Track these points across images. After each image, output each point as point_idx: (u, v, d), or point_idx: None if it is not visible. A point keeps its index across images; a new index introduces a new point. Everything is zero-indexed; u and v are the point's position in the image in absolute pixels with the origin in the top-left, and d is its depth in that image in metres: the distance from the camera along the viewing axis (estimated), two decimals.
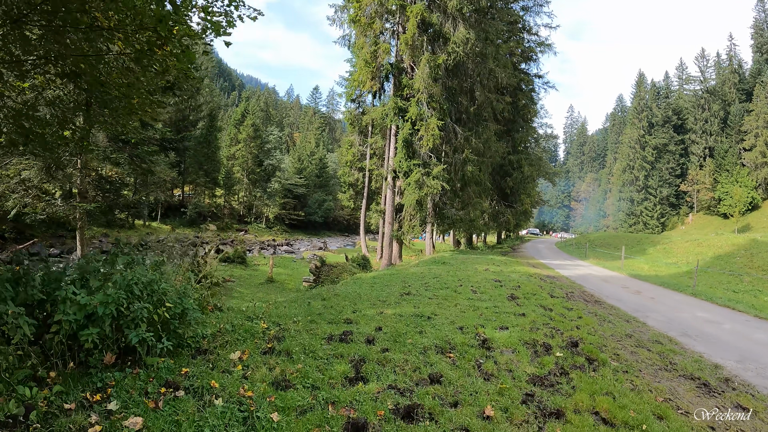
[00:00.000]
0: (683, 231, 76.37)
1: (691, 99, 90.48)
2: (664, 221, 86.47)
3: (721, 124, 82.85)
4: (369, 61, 25.62)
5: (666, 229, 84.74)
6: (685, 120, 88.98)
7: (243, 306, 8.50)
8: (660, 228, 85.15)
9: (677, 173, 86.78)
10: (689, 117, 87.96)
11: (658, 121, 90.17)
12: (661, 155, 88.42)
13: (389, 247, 26.28)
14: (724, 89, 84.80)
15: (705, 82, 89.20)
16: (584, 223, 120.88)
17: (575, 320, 9.86)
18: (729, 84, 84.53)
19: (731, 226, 68.02)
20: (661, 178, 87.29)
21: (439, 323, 8.03)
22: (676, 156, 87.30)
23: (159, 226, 53.28)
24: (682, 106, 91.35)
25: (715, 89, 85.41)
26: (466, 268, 18.56)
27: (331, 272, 18.00)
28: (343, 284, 13.07)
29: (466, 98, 29.32)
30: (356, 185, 41.10)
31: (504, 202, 36.94)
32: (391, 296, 10.72)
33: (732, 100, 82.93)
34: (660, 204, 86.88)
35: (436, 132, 23.75)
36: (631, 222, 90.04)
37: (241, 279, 21.03)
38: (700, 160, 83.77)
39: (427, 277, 14.74)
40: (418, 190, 23.88)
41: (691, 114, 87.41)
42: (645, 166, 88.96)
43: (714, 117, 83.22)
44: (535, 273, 19.19)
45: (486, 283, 14.03)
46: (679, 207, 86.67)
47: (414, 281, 13.62)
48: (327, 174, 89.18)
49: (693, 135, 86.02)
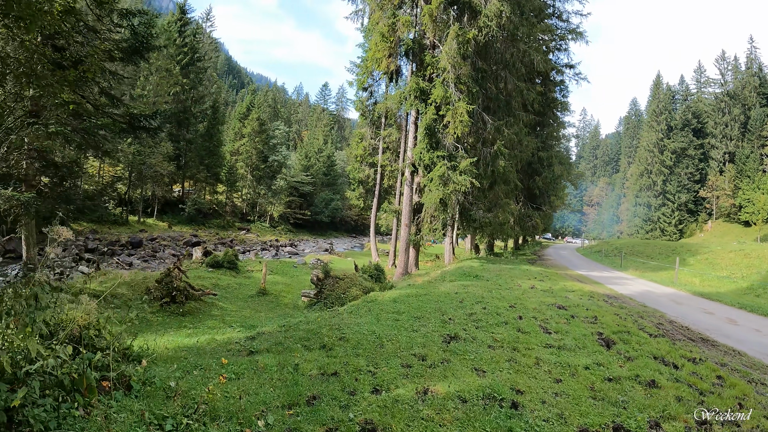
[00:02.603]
0: (702, 238, 73.36)
1: (711, 102, 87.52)
2: (682, 228, 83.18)
3: (742, 129, 79.58)
4: (386, 36, 21.82)
5: (684, 236, 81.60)
6: (705, 124, 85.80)
7: (171, 375, 4.75)
8: (678, 235, 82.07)
9: (696, 179, 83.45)
10: (709, 121, 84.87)
11: (677, 124, 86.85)
12: (679, 160, 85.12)
13: (405, 254, 22.48)
14: (744, 93, 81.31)
15: (725, 85, 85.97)
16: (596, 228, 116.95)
17: (726, 388, 6.15)
18: (749, 87, 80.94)
19: (753, 234, 64.83)
20: (679, 183, 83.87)
21: (539, 423, 4.24)
22: (696, 161, 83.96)
23: (155, 222, 49.84)
24: (702, 110, 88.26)
25: (736, 93, 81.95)
26: (508, 285, 14.76)
27: (336, 286, 14.24)
28: (354, 311, 9.30)
29: (495, 84, 25.51)
30: (367, 182, 37.34)
31: (531, 204, 32.99)
32: (431, 343, 6.93)
33: (752, 104, 79.46)
34: (678, 210, 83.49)
35: (465, 118, 19.93)
36: (648, 228, 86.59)
37: (229, 289, 17.31)
38: (720, 166, 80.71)
39: (466, 300, 10.94)
40: (442, 186, 20.05)
41: (711, 118, 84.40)
42: (663, 171, 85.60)
43: (734, 121, 79.96)
44: (592, 291, 15.35)
45: (549, 312, 10.28)
46: (698, 214, 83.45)
47: (453, 308, 9.82)
48: (335, 172, 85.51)
49: (713, 139, 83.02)
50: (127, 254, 33.08)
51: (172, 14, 59.84)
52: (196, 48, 59.29)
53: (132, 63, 14.06)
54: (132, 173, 45.38)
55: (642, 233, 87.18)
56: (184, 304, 13.29)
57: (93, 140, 12.10)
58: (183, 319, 12.63)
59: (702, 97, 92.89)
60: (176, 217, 53.34)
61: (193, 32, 59.92)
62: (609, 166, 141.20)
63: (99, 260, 29.99)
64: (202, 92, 61.59)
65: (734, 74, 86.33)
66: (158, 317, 12.64)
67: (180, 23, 58.14)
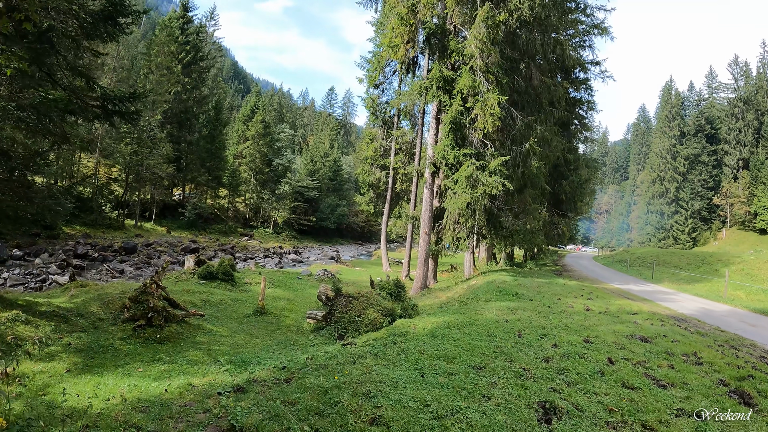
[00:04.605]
0: (717, 247, 71.40)
1: (724, 107, 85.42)
2: (696, 236, 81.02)
3: (756, 135, 77.22)
4: (405, 18, 19.28)
5: (698, 244, 79.58)
6: (718, 129, 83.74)
7: None
8: (691, 243, 80.00)
9: (710, 185, 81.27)
10: (722, 126, 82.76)
11: (690, 129, 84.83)
12: (693, 166, 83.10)
13: (424, 265, 19.82)
14: (756, 98, 78.90)
15: (739, 90, 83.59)
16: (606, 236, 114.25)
17: None
18: (762, 93, 78.58)
19: None
20: (693, 190, 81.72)
21: None
22: (709, 167, 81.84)
23: (153, 227, 47.33)
24: (715, 115, 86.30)
25: (748, 98, 79.59)
26: (559, 306, 12.15)
27: (350, 307, 11.61)
28: (381, 353, 6.65)
29: (522, 77, 22.96)
30: (378, 186, 34.73)
31: (557, 210, 30.24)
32: (521, 424, 4.28)
33: (766, 110, 77.26)
34: (692, 218, 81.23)
35: (496, 110, 17.32)
36: (661, 236, 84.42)
37: (221, 307, 14.68)
38: (734, 172, 78.46)
39: (526, 333, 8.29)
40: (469, 189, 17.38)
41: (725, 123, 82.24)
42: (676, 178, 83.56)
43: (748, 127, 77.62)
44: (654, 313, 12.73)
45: (636, 348, 7.98)
46: (712, 221, 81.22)
47: (517, 348, 7.17)
48: (341, 177, 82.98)
49: (726, 145, 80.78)
50: (119, 260, 30.62)
51: (174, 11, 57.68)
52: (199, 47, 57.03)
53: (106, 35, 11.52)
54: (129, 175, 42.94)
55: (654, 241, 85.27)
56: (163, 327, 10.67)
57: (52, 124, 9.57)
58: (159, 348, 9.99)
59: (715, 102, 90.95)
60: (176, 222, 50.85)
61: (195, 30, 57.66)
62: (618, 174, 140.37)
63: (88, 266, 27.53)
64: (204, 93, 59.30)
65: (746, 80, 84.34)
66: (129, 344, 10.00)
67: (182, 20, 55.95)
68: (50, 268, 23.67)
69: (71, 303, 11.99)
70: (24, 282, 19.61)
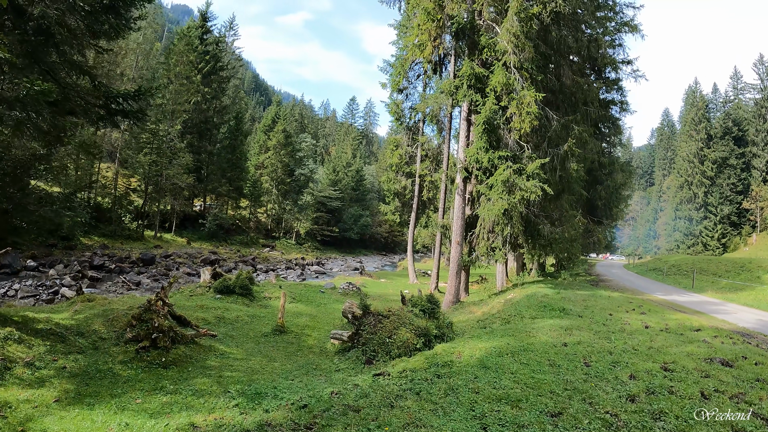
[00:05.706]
0: (747, 252, 67.74)
1: (751, 109, 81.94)
2: (726, 242, 77.24)
3: None
4: (432, 13, 18.05)
5: (728, 250, 75.79)
6: (746, 131, 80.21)
7: None
8: (721, 249, 76.20)
9: (739, 189, 77.46)
10: (749, 128, 79.25)
11: (717, 132, 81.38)
12: (721, 170, 79.61)
13: (456, 277, 18.37)
14: None
15: (765, 90, 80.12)
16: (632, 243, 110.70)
17: None
18: None
19: None
20: (721, 194, 78.13)
21: None
22: (738, 170, 78.23)
23: (173, 238, 46.77)
24: (742, 117, 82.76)
25: None
26: (615, 324, 10.65)
27: (380, 327, 10.30)
28: (425, 393, 5.32)
29: (555, 76, 21.49)
30: (403, 194, 33.39)
31: (592, 217, 28.48)
32: None
33: None
34: (721, 223, 77.60)
35: (533, 109, 15.93)
36: (690, 243, 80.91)
37: (237, 324, 13.47)
38: (762, 175, 74.71)
39: (593, 361, 6.86)
40: (506, 194, 15.95)
41: (752, 125, 78.70)
42: (704, 182, 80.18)
43: None
44: (718, 328, 11.18)
45: (721, 375, 6.77)
46: (741, 226, 77.34)
47: (588, 383, 5.76)
48: (364, 187, 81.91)
49: (754, 147, 77.12)
50: (136, 272, 29.80)
51: (193, 20, 57.61)
52: (219, 56, 56.78)
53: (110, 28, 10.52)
54: (148, 185, 42.45)
55: (683, 248, 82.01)
56: (169, 350, 9.49)
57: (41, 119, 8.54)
58: (163, 374, 8.79)
59: (741, 103, 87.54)
60: (196, 233, 50.25)
61: (215, 40, 57.48)
62: (643, 179, 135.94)
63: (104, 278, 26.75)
64: (225, 103, 58.96)
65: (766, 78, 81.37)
66: (130, 369, 8.82)
67: (201, 30, 55.82)
68: (64, 279, 22.89)
69: (73, 319, 10.95)
70: (35, 294, 18.76)
